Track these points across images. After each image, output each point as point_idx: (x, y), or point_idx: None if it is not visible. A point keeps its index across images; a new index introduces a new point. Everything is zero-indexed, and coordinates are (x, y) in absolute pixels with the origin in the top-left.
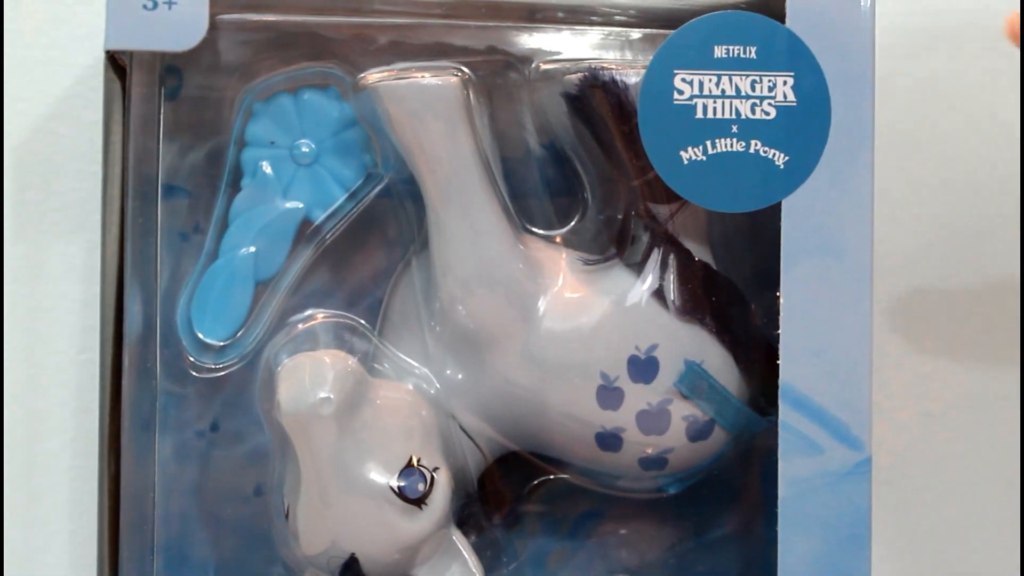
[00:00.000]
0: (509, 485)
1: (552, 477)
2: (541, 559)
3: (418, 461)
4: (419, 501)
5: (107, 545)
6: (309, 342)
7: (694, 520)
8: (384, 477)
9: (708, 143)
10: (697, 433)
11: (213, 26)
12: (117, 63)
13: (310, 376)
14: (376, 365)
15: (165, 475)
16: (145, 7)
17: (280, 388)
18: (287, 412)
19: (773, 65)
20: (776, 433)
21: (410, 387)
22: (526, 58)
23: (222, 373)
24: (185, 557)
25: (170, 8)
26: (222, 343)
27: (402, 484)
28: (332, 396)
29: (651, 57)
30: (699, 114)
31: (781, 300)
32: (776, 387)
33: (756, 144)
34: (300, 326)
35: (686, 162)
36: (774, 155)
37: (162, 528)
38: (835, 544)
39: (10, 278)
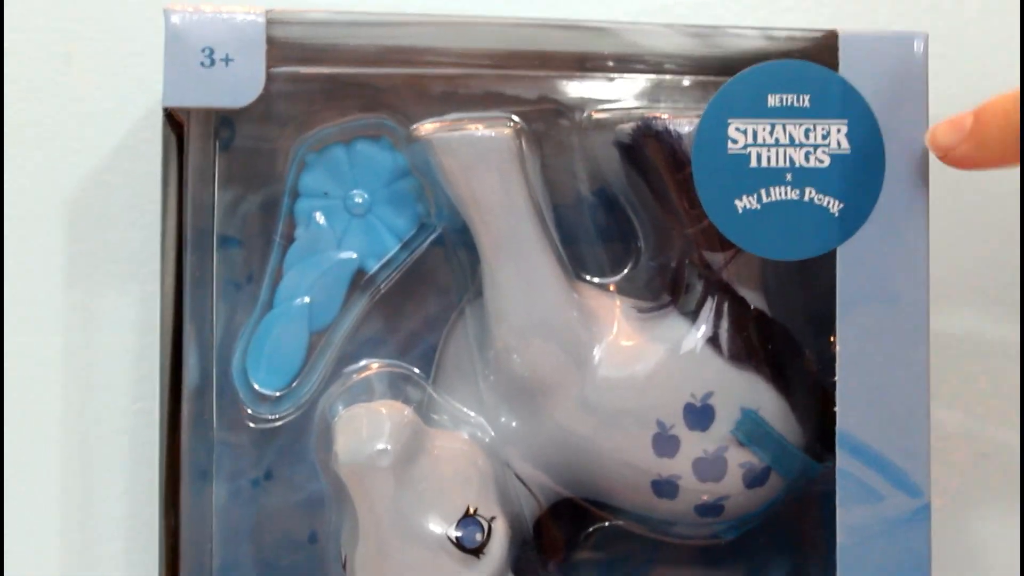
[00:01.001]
0: (564, 532)
1: (607, 524)
2: None
3: (475, 511)
4: (477, 551)
5: None
6: (365, 392)
7: (749, 567)
8: (442, 527)
9: (762, 191)
10: (754, 480)
11: (267, 78)
12: (173, 116)
13: (367, 428)
14: (431, 414)
15: (221, 523)
16: (203, 64)
17: (338, 440)
18: (345, 463)
19: (826, 113)
20: (832, 478)
21: (465, 436)
22: (577, 106)
23: (278, 423)
24: None
25: (227, 65)
26: (277, 393)
27: (460, 534)
28: (389, 448)
29: (703, 105)
30: (753, 163)
31: (837, 347)
32: (833, 433)
33: (810, 192)
34: (355, 376)
35: (740, 211)
36: (828, 203)
37: None
38: None
39: (66, 328)
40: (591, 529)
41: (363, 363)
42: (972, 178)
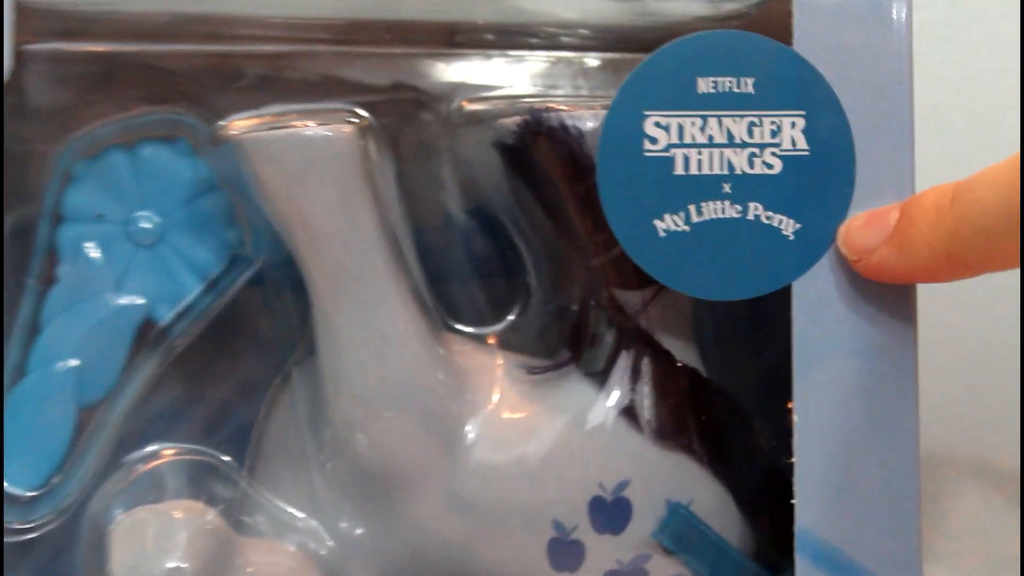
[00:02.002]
0: None
1: None
2: None
3: None
4: None
5: None
6: (153, 490)
7: None
8: None
9: (692, 208)
10: None
11: (19, 58)
12: None
13: (155, 539)
14: (245, 518)
15: None
16: None
17: (114, 556)
18: None
19: (777, 102)
20: None
21: (292, 548)
22: (444, 95)
23: (32, 534)
24: None
25: None
26: (32, 492)
27: None
28: (186, 566)
29: (614, 93)
30: (679, 169)
31: (795, 417)
32: (791, 535)
33: (756, 208)
34: (140, 467)
35: (663, 234)
36: (780, 222)
37: None
38: None
39: None
40: None
41: (152, 449)
42: None
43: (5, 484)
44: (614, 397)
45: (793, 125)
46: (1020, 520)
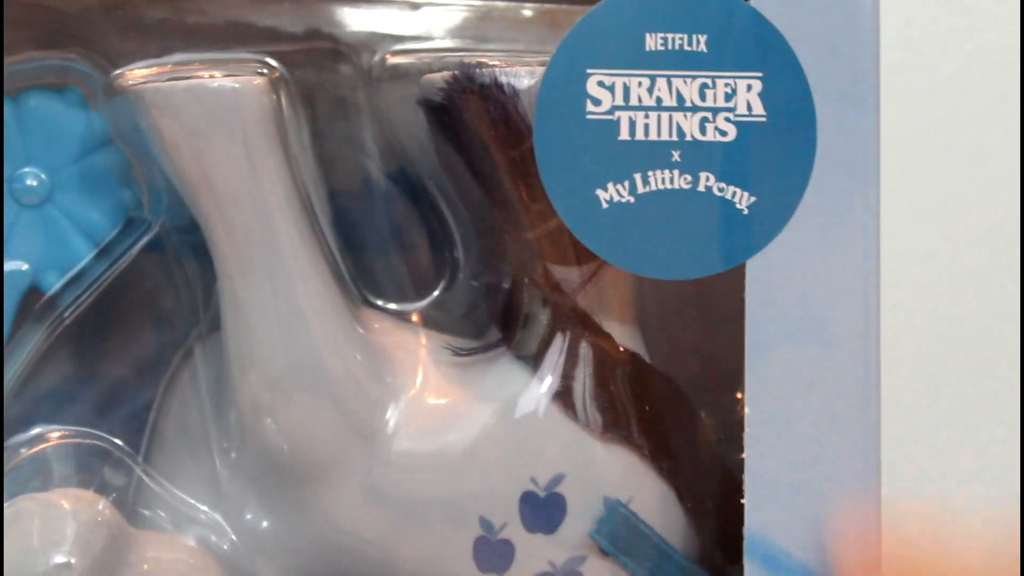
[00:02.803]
0: None
1: None
2: None
3: None
4: None
5: None
6: (38, 476)
7: None
8: None
9: (638, 177)
10: None
11: None
12: None
13: (41, 531)
14: (142, 509)
15: None
16: None
17: None
18: None
19: (733, 62)
20: None
21: (191, 543)
22: (364, 46)
23: None
24: None
25: None
26: None
27: None
28: (74, 561)
29: (553, 49)
30: (624, 134)
31: (746, 409)
32: (739, 536)
33: (708, 179)
34: (24, 451)
35: (605, 205)
36: (734, 195)
37: None
38: None
39: None
40: None
41: (36, 431)
42: (943, 160)
43: None
44: (548, 383)
45: (749, 88)
46: (1020, 519)
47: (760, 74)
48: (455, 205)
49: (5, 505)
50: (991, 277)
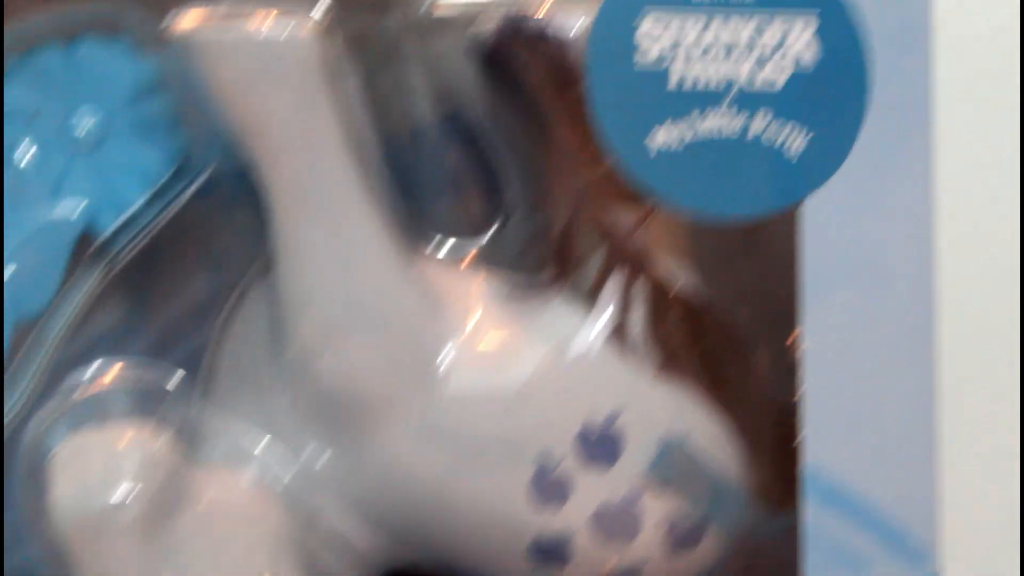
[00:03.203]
0: None
1: None
2: None
3: None
4: None
5: None
6: (96, 415)
7: None
8: None
9: (689, 123)
10: (680, 540)
11: None
12: None
13: (100, 468)
14: (199, 446)
15: None
16: None
17: (56, 484)
18: (67, 520)
19: (785, 1)
20: (797, 540)
21: (249, 482)
22: None
23: None
24: None
25: None
26: None
27: None
28: (134, 496)
29: None
30: (674, 81)
31: (803, 347)
32: (795, 473)
33: (761, 121)
34: (81, 390)
35: (657, 150)
36: (787, 137)
37: None
38: None
39: None
40: None
41: (91, 371)
42: (996, 102)
43: None
44: (603, 322)
45: (803, 32)
46: (1020, 519)
47: (816, 13)
48: (507, 149)
49: (65, 443)
50: None
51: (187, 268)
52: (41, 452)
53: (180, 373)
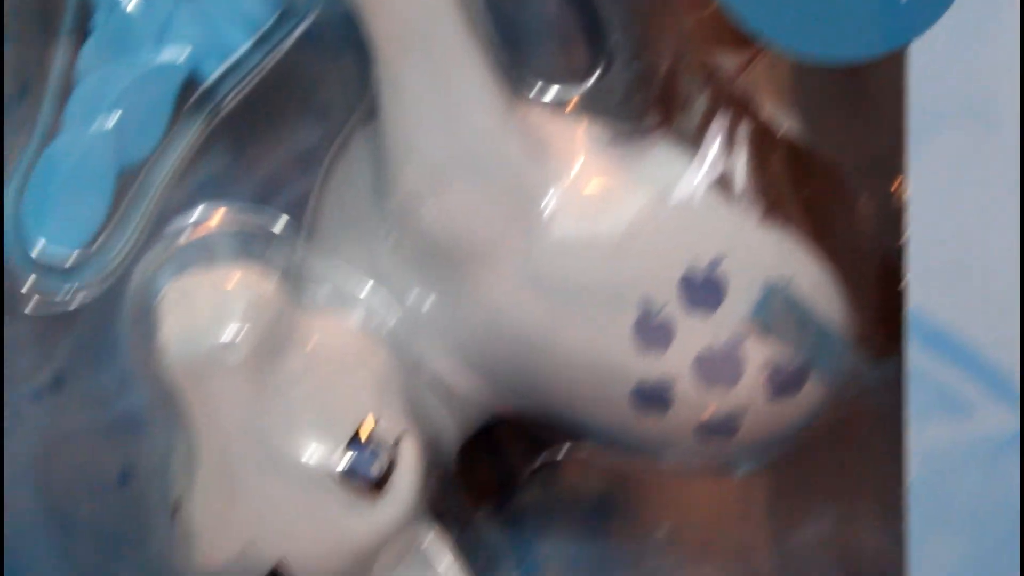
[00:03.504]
0: (502, 463)
1: (564, 452)
2: (551, 569)
3: (371, 430)
4: (375, 486)
5: None
6: (203, 257)
7: (772, 517)
8: (322, 454)
9: None
10: (781, 386)
11: None
12: None
13: (209, 308)
14: (304, 289)
15: None
16: None
17: (164, 326)
18: (175, 362)
19: None
20: (899, 384)
21: (357, 321)
22: None
23: (71, 304)
24: None
25: None
26: (71, 259)
27: (349, 464)
28: (242, 337)
29: None
30: None
31: (908, 191)
32: (899, 317)
33: None
34: (188, 234)
35: None
36: None
37: None
38: (990, 545)
39: None
40: (540, 460)
41: (196, 215)
42: None
43: (39, 247)
44: (707, 166)
45: None
46: (1020, 518)
47: None
48: None
49: (173, 283)
50: None
51: (291, 115)
52: (149, 295)
53: (284, 218)
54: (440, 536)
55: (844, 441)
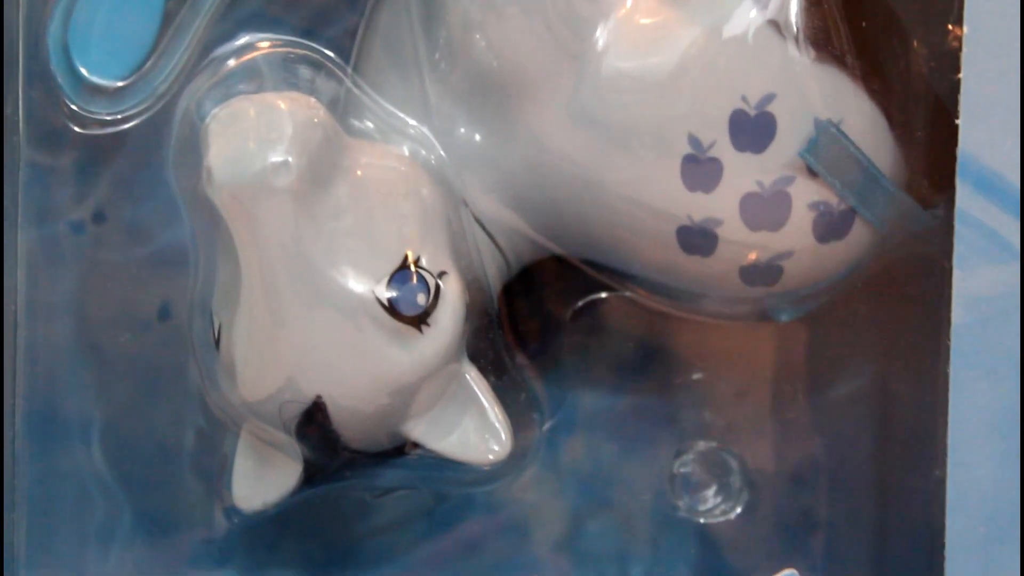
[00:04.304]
0: (542, 308)
1: (606, 294)
2: (588, 415)
3: (416, 261)
4: (419, 319)
5: None
6: (249, 82)
7: (808, 370)
8: (367, 283)
9: None
10: (829, 229)
11: None
12: None
13: (258, 129)
14: (353, 119)
15: (28, 285)
16: None
17: (212, 148)
18: (222, 183)
19: None
20: (947, 232)
21: (404, 152)
22: None
23: (120, 126)
24: (55, 411)
25: None
26: (119, 83)
27: (394, 294)
28: (291, 160)
29: None
30: None
31: (964, 30)
32: (949, 163)
33: None
34: (233, 62)
35: None
36: None
37: (25, 372)
38: None
39: None
40: (583, 302)
41: (246, 39)
42: None
43: (86, 71)
44: (760, 2)
45: None
46: (1020, 519)
47: None
48: None
49: (223, 105)
50: None
51: None
52: (196, 120)
53: (331, 52)
54: (479, 378)
55: (886, 295)
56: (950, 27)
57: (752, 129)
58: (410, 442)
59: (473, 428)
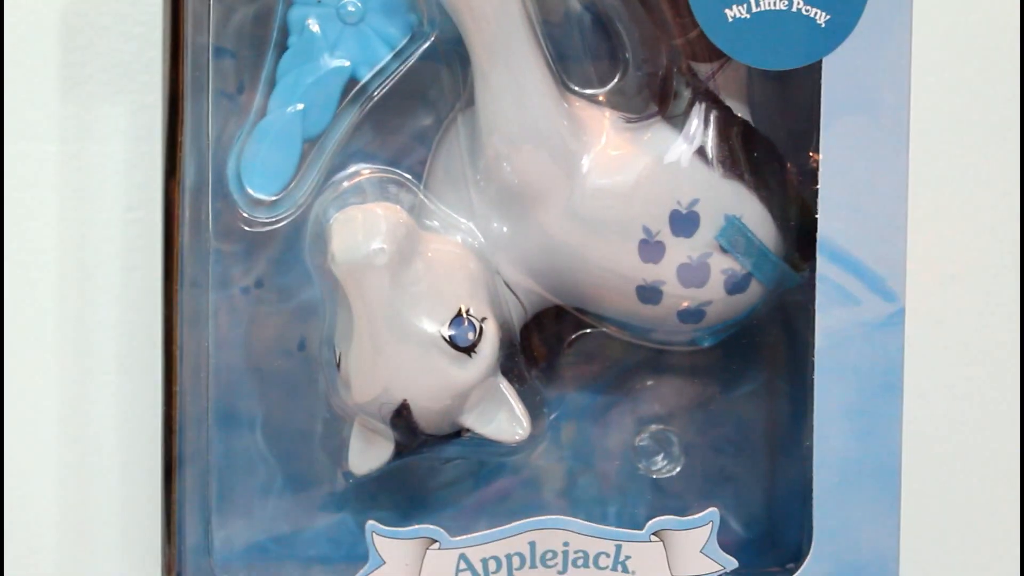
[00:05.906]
0: (548, 338)
1: (590, 330)
2: (579, 410)
3: (467, 311)
4: (469, 349)
5: (170, 398)
6: (357, 196)
7: (724, 375)
8: (435, 326)
9: (752, 1)
10: (735, 286)
11: None
12: None
13: (364, 227)
14: (424, 220)
15: (214, 329)
16: None
17: (334, 240)
18: (342, 262)
19: None
20: (810, 289)
21: (457, 240)
22: None
23: (274, 225)
24: (233, 410)
25: None
26: (272, 197)
27: (452, 333)
28: (386, 247)
29: None
30: None
31: (820, 156)
32: (811, 244)
33: (798, 3)
34: (346, 183)
35: (730, 20)
36: (815, 14)
37: (213, 384)
38: (869, 392)
39: (61, 138)
40: (574, 335)
41: (354, 169)
42: None
43: (251, 190)
44: (689, 139)
45: None
46: (1020, 519)
47: None
48: (627, 24)
49: (339, 212)
50: None
51: (415, 106)
52: (322, 222)
53: (408, 175)
54: (508, 386)
55: (773, 328)
56: (811, 153)
57: (684, 222)
58: (464, 428)
59: (505, 418)
